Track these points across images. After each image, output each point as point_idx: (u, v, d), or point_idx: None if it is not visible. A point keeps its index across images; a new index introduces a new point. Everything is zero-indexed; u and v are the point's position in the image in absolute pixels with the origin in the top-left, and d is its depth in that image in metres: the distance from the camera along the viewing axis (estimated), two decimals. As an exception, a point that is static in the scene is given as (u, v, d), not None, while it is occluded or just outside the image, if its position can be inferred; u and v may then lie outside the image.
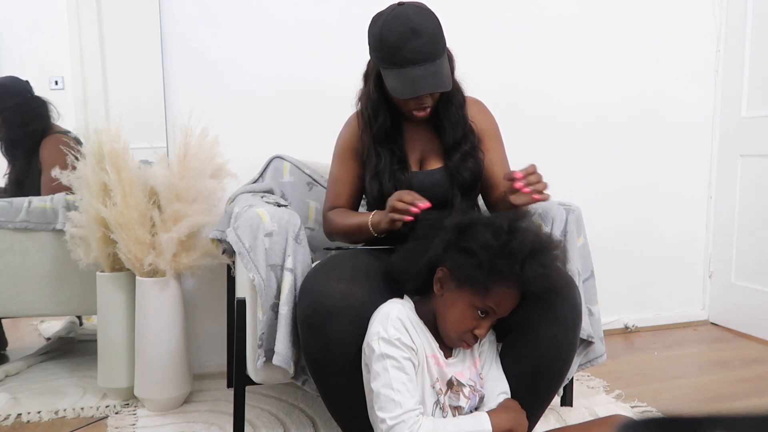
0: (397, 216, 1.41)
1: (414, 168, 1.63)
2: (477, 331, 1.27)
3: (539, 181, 1.36)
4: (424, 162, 1.65)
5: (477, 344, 1.37)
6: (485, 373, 1.37)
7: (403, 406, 1.21)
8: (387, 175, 1.58)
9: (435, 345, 1.31)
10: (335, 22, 2.28)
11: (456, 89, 1.61)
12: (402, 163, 1.60)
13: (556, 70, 2.57)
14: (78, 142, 2.11)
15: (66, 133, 2.18)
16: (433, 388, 1.29)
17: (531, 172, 1.35)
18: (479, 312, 1.26)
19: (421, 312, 1.33)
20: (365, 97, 1.62)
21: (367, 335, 1.29)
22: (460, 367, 1.34)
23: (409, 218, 1.40)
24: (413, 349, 1.26)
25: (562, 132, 2.61)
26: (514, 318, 1.35)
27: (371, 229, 1.53)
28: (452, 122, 1.61)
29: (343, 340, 1.33)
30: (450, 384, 1.31)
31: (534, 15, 2.52)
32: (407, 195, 1.41)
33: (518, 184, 1.34)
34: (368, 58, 1.61)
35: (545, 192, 1.36)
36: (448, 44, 1.55)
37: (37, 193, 2.13)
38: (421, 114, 1.56)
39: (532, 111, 2.55)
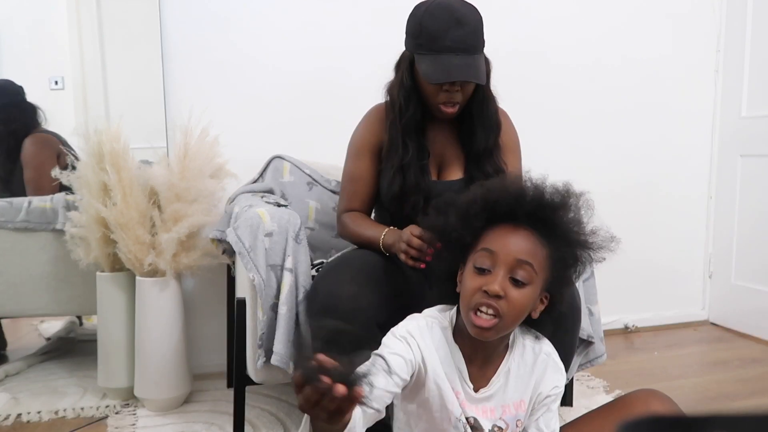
0: (410, 263, 1.37)
1: (432, 176, 1.58)
2: (487, 287, 1.11)
3: None
4: (443, 170, 1.60)
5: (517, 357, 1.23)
6: (529, 426, 1.23)
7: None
8: (413, 169, 1.52)
9: (464, 376, 1.18)
10: (336, 22, 2.28)
11: (489, 96, 1.56)
12: (425, 164, 1.55)
13: (557, 70, 2.57)
14: (63, 142, 2.12)
15: (48, 132, 2.18)
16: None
17: None
18: (482, 268, 1.13)
19: (459, 336, 1.20)
20: (397, 86, 1.54)
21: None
22: (492, 402, 1.20)
23: (422, 266, 1.35)
24: (417, 348, 1.15)
25: (561, 132, 2.61)
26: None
27: (382, 248, 1.49)
28: (486, 125, 1.55)
29: None
30: (468, 423, 1.18)
31: (535, 13, 2.52)
32: (417, 240, 1.35)
33: None
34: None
35: None
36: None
37: (23, 193, 2.14)
38: (449, 110, 1.49)
39: (531, 111, 2.54)
